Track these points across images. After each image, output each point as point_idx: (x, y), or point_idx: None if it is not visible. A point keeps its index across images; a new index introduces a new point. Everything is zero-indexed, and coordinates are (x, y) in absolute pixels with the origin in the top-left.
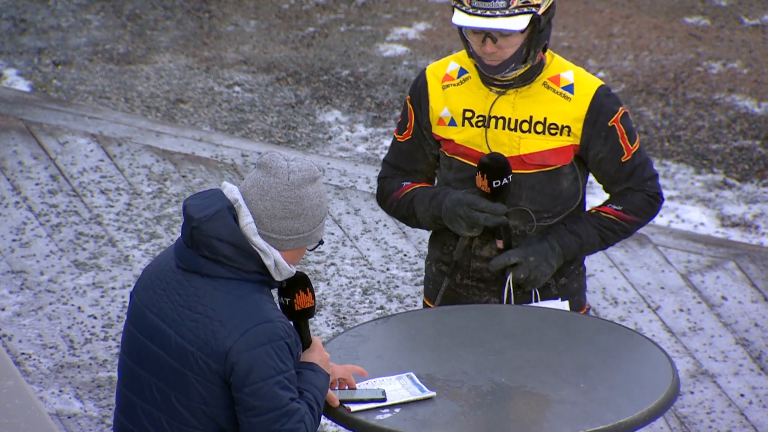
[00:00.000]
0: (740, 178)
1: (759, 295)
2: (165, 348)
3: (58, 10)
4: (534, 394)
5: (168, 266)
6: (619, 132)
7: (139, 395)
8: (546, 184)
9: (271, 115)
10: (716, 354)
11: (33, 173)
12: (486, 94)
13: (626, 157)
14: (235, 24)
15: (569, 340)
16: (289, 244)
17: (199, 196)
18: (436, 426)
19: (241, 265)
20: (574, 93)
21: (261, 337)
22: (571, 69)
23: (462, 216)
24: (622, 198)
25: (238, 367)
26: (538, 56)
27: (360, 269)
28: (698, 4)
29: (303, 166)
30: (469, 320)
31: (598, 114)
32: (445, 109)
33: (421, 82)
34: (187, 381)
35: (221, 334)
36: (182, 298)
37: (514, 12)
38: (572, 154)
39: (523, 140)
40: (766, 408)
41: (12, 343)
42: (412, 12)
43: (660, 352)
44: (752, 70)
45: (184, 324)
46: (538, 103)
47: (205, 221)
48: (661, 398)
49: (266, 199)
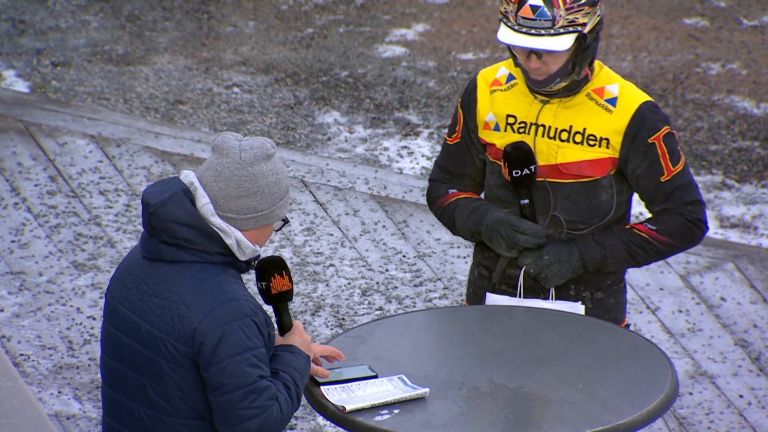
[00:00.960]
0: (739, 179)
1: (758, 296)
2: (137, 338)
3: (57, 11)
4: (533, 395)
5: (135, 260)
6: (660, 150)
7: (120, 392)
8: (582, 194)
9: (270, 116)
10: (715, 355)
11: (32, 174)
12: (531, 101)
13: (666, 177)
14: (233, 25)
15: (568, 341)
16: (249, 223)
17: (157, 183)
18: (435, 427)
19: (202, 246)
20: (617, 106)
21: (226, 314)
22: (618, 82)
23: (503, 236)
24: (659, 218)
25: (205, 346)
26: (584, 72)
27: (359, 270)
28: (697, 5)
29: (255, 144)
30: (468, 321)
31: (638, 129)
32: (490, 114)
33: (472, 85)
34: (160, 368)
35: (187, 317)
36: (149, 287)
37: (560, 31)
38: (610, 166)
39: (561, 149)
40: (765, 409)
41: (11, 344)
42: (411, 13)
43: (659, 353)
44: (751, 71)
45: (152, 312)
46: (580, 113)
47: (160, 206)
48: (660, 399)
49: (220, 180)
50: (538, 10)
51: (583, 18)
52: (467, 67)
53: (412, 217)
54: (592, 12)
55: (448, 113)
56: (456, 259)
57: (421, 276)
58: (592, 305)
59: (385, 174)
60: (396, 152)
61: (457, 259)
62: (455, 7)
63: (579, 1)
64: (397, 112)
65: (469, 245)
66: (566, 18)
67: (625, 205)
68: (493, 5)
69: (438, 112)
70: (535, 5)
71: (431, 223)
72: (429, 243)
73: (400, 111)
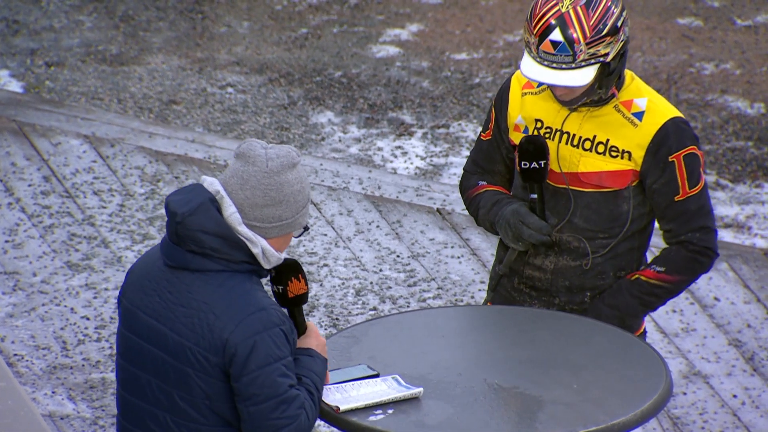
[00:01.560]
0: (733, 179)
1: (752, 296)
2: (162, 347)
3: (50, 11)
4: (527, 395)
5: (155, 266)
6: (679, 170)
7: (141, 397)
8: (602, 204)
9: (264, 116)
10: (709, 355)
11: (26, 174)
12: (558, 108)
13: (680, 197)
14: (227, 25)
15: (562, 341)
16: (273, 232)
17: (180, 191)
18: (429, 427)
19: (228, 256)
20: (643, 120)
21: (257, 325)
22: (647, 96)
23: (511, 226)
24: (665, 257)
25: (237, 357)
26: (611, 90)
27: (353, 270)
28: (691, 5)
29: (281, 153)
30: (462, 321)
31: (660, 145)
32: (519, 117)
33: (505, 86)
34: (188, 377)
35: (217, 327)
36: (174, 295)
37: (581, 65)
38: (631, 179)
39: (583, 158)
40: (758, 409)
41: (5, 345)
42: (404, 13)
43: (653, 353)
44: (745, 71)
45: (178, 321)
46: (605, 124)
47: (188, 215)
48: (654, 399)
49: (246, 188)
50: (559, 46)
51: (605, 49)
52: (461, 67)
53: (406, 217)
54: (615, 40)
55: (442, 113)
56: (450, 259)
57: (415, 276)
58: None
59: (379, 174)
60: (390, 152)
61: (450, 259)
62: (449, 7)
63: (600, 34)
64: (390, 112)
65: (462, 245)
66: (587, 52)
67: (648, 216)
68: (486, 5)
69: (432, 112)
70: (555, 41)
71: (425, 223)
72: (423, 243)
73: (394, 111)
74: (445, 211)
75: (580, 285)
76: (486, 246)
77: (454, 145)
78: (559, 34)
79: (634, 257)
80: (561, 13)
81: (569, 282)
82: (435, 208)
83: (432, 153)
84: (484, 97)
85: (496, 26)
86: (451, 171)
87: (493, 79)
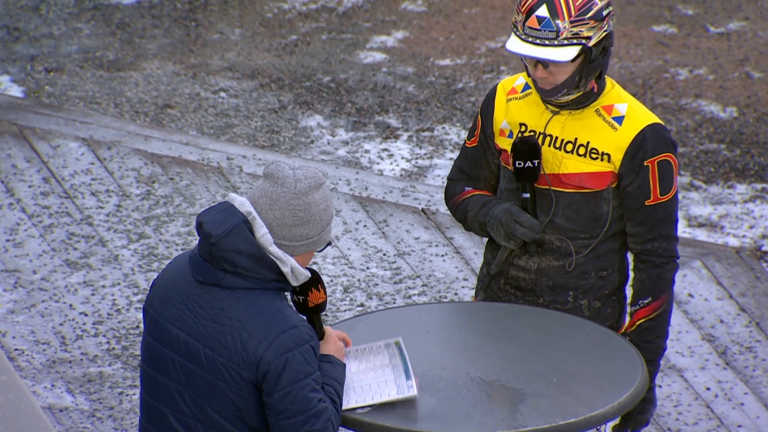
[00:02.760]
0: (706, 181)
1: (724, 293)
2: (194, 361)
3: (50, 19)
4: (508, 388)
5: (183, 280)
6: (652, 175)
7: (171, 405)
8: (583, 204)
9: (256, 119)
10: (683, 349)
11: (26, 176)
12: (542, 111)
13: (650, 202)
14: (220, 32)
15: (542, 336)
16: (300, 249)
17: (212, 211)
18: (414, 419)
19: (260, 275)
20: (622, 125)
21: (289, 342)
22: (627, 102)
23: (503, 224)
24: (642, 288)
25: (270, 373)
26: (590, 84)
27: (341, 268)
28: (666, 13)
29: (309, 174)
30: (446, 317)
31: (638, 149)
32: (504, 122)
33: (491, 94)
34: (220, 391)
35: (251, 345)
36: (206, 311)
37: (563, 43)
38: (610, 180)
39: (565, 160)
40: (731, 401)
41: (6, 340)
42: (390, 21)
43: (630, 348)
44: (718, 77)
45: (211, 337)
46: (586, 127)
47: (223, 237)
48: (630, 392)
49: (276, 209)
50: (544, 21)
51: (588, 32)
52: (445, 73)
53: (392, 217)
54: (598, 27)
55: (427, 117)
56: (434, 257)
57: (401, 273)
58: (590, 313)
59: (365, 175)
60: (376, 154)
61: (435, 257)
62: (433, 15)
63: (585, 16)
64: (377, 115)
65: (446, 244)
66: (570, 30)
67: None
68: (469, 13)
69: (417, 116)
70: (541, 16)
71: (410, 222)
72: (408, 242)
73: (381, 115)
74: (430, 211)
75: (563, 285)
76: (469, 245)
77: (439, 147)
78: (545, 10)
79: (615, 258)
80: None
81: (553, 282)
82: (420, 209)
83: (417, 155)
84: (467, 102)
85: (479, 33)
86: (435, 173)
87: (475, 84)
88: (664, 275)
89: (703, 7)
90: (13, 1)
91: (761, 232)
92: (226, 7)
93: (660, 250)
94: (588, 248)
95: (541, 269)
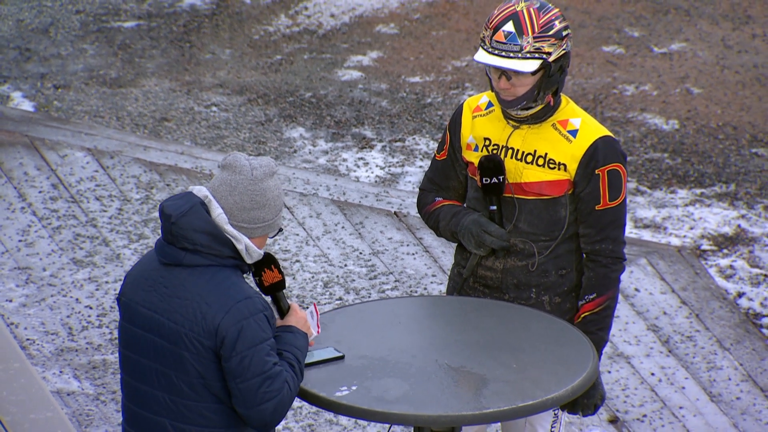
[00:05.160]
0: (651, 186)
1: (667, 288)
2: (160, 334)
3: (58, 41)
4: (473, 374)
5: (150, 266)
6: (602, 182)
7: (145, 381)
8: (543, 210)
9: (244, 131)
10: (630, 338)
11: (36, 182)
12: (504, 126)
13: (600, 206)
14: (212, 52)
15: (503, 327)
16: (257, 232)
17: (173, 198)
18: (387, 401)
19: (217, 251)
20: (577, 137)
21: (244, 311)
22: (581, 117)
23: (473, 234)
24: (589, 285)
25: (227, 339)
26: (547, 98)
27: (321, 265)
28: (614, 35)
29: (263, 163)
30: (417, 309)
31: (590, 159)
32: (471, 137)
33: (458, 111)
34: (184, 360)
35: (210, 314)
36: (169, 289)
37: (527, 56)
38: (567, 188)
39: (526, 170)
40: (673, 385)
41: (18, 330)
42: (366, 42)
43: (582, 337)
44: (661, 92)
45: (174, 311)
46: (544, 140)
47: (181, 216)
48: (583, 377)
49: (235, 194)
50: (510, 36)
51: (549, 48)
52: (415, 89)
53: (368, 219)
54: (558, 45)
55: (399, 129)
56: (406, 256)
57: (376, 270)
58: (551, 308)
59: (344, 182)
60: (353, 163)
61: (406, 256)
62: (404, 37)
63: (546, 33)
64: (354, 128)
65: (416, 243)
66: (533, 45)
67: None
68: (437, 35)
69: (390, 128)
70: (507, 31)
71: (384, 224)
72: (382, 242)
73: (357, 127)
74: (402, 214)
75: (526, 282)
76: (437, 244)
77: (410, 156)
78: (511, 25)
79: (573, 258)
80: (515, 11)
81: (517, 280)
82: (393, 212)
83: (390, 163)
84: (435, 115)
85: (446, 54)
86: (406, 179)
87: (443, 99)
88: (610, 274)
89: (647, 30)
90: (25, 25)
91: (700, 232)
92: (217, 30)
93: (607, 251)
94: (548, 249)
95: (506, 269)
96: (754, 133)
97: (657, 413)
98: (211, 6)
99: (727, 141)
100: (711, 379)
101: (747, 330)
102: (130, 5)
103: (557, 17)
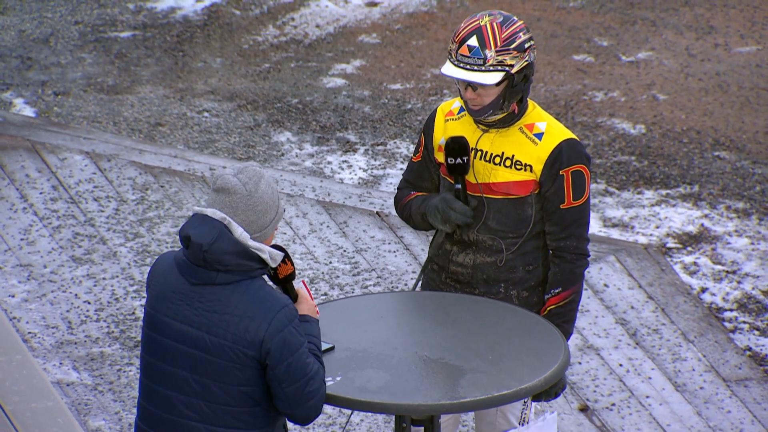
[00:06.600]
0: (619, 187)
1: (635, 283)
2: (198, 347)
3: (58, 50)
4: (451, 365)
5: (176, 280)
6: (567, 182)
7: (174, 388)
8: (511, 209)
9: (234, 136)
10: (600, 331)
11: (37, 184)
12: (474, 129)
13: (564, 205)
14: (204, 61)
15: (480, 320)
16: (269, 232)
17: (193, 224)
18: (370, 391)
19: (248, 267)
20: (542, 140)
21: (283, 320)
22: (547, 120)
23: (439, 210)
24: (555, 280)
25: (273, 350)
26: (512, 106)
27: (307, 263)
28: (584, 44)
29: (250, 174)
30: (398, 304)
31: (555, 160)
32: (442, 139)
33: (432, 116)
34: (228, 370)
35: (252, 328)
36: (204, 304)
37: (489, 68)
38: (533, 188)
39: (494, 171)
40: (640, 375)
41: (20, 324)
42: (349, 51)
43: (554, 330)
44: (629, 99)
45: (215, 325)
46: (512, 143)
47: (213, 243)
48: (554, 368)
49: (239, 213)
50: (474, 50)
51: (511, 60)
52: (396, 96)
53: (351, 219)
54: (521, 57)
55: (381, 133)
56: (387, 253)
57: (359, 267)
58: (519, 302)
59: (328, 183)
60: (338, 165)
61: (388, 253)
62: (386, 46)
63: (509, 47)
64: (338, 132)
65: (397, 242)
66: (496, 58)
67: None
68: (417, 45)
69: (372, 133)
70: (471, 45)
71: (367, 223)
72: (365, 240)
73: (341, 131)
74: (384, 214)
75: (495, 278)
76: (417, 242)
77: (391, 159)
78: (475, 40)
79: (540, 255)
80: (479, 26)
81: (486, 275)
82: (375, 211)
83: (372, 166)
84: (415, 120)
85: (425, 62)
86: (388, 181)
87: (422, 105)
88: (575, 270)
89: (616, 40)
90: (26, 35)
91: (666, 231)
92: (208, 40)
93: (572, 248)
94: (516, 246)
95: (476, 265)
96: (716, 137)
97: (625, 402)
98: (203, 17)
99: (691, 145)
100: (676, 369)
101: (710, 323)
102: (126, 16)
103: (521, 29)
